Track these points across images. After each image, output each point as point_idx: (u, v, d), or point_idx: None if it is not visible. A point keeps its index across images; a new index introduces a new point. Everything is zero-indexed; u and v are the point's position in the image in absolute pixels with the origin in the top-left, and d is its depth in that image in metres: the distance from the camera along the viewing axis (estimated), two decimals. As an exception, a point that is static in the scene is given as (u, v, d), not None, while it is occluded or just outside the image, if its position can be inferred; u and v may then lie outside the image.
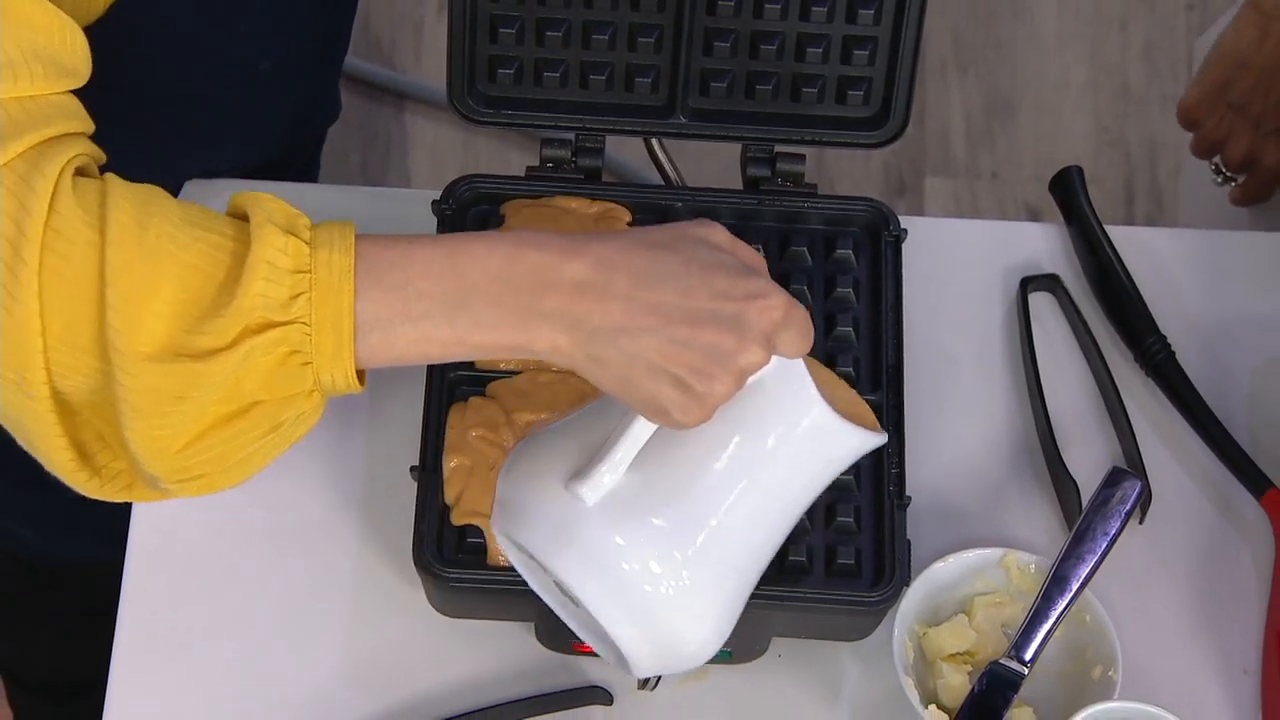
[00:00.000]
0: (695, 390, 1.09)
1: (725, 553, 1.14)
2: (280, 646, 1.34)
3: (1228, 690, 1.35)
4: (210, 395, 1.07)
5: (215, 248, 1.07)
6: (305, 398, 1.10)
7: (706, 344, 1.09)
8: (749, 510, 1.14)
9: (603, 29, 1.37)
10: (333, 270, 1.08)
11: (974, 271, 1.49)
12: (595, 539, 1.12)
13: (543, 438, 1.18)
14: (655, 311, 1.09)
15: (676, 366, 1.09)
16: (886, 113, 1.41)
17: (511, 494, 1.16)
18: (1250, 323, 1.47)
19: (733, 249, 1.13)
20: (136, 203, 1.07)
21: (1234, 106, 1.62)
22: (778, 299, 1.10)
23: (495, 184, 1.41)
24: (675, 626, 1.13)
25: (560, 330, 1.09)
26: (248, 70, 1.46)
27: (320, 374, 1.09)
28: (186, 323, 1.06)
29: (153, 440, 1.08)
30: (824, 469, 1.16)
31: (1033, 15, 2.73)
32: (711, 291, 1.10)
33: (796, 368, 1.13)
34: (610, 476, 1.12)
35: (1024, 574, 1.33)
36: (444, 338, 1.10)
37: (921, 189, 2.62)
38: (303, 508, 1.38)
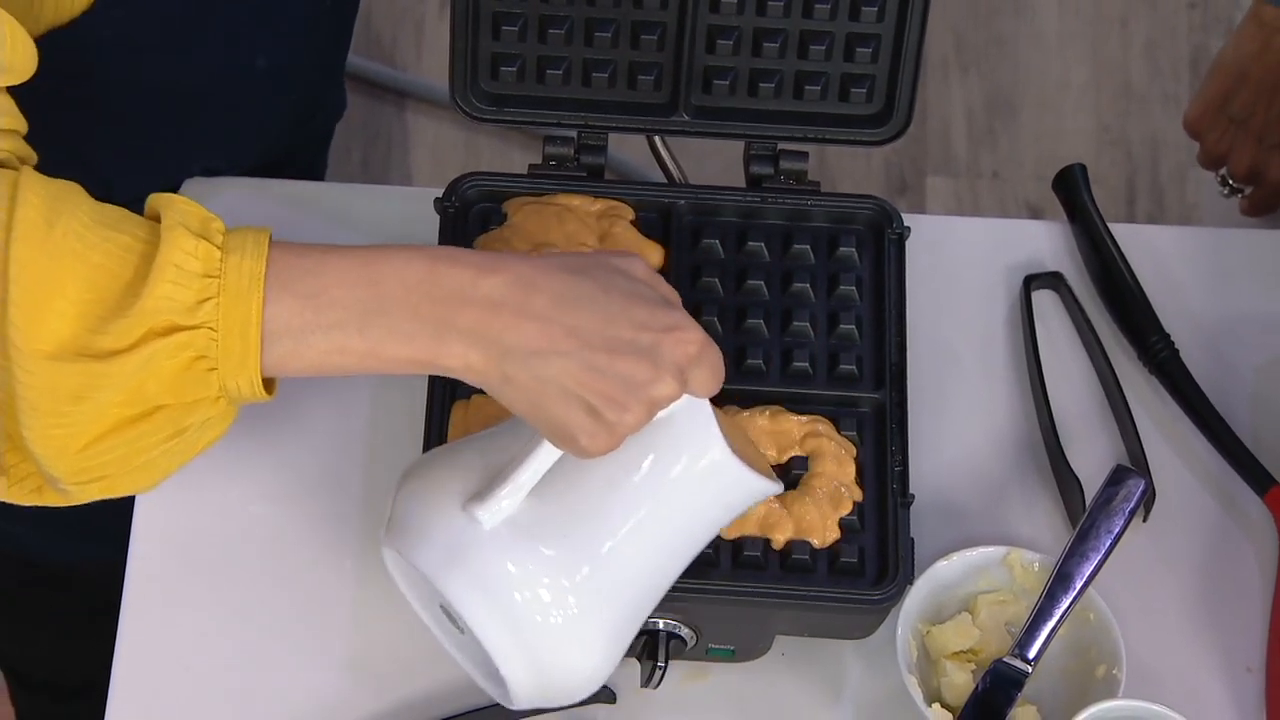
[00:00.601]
0: (606, 418, 1.08)
1: (615, 584, 1.13)
2: (281, 645, 1.34)
3: (1231, 688, 1.35)
4: (111, 397, 1.06)
5: (124, 248, 1.06)
6: (211, 403, 1.09)
7: (622, 373, 1.08)
8: (642, 544, 1.14)
9: (605, 26, 1.37)
10: (242, 275, 1.06)
11: (977, 269, 1.49)
12: (489, 564, 1.11)
13: (442, 454, 1.17)
14: (573, 335, 1.08)
15: (589, 393, 1.08)
16: (889, 110, 1.40)
17: (406, 510, 1.15)
18: (1254, 321, 1.47)
19: (651, 281, 1.12)
20: (47, 198, 1.05)
21: (1236, 120, 1.62)
22: (694, 334, 1.10)
23: (498, 182, 1.41)
24: (561, 657, 1.13)
25: (474, 347, 1.08)
26: (245, 69, 1.45)
27: (226, 380, 1.08)
28: (89, 322, 1.05)
29: (51, 440, 1.07)
30: (720, 510, 1.16)
31: (1034, 14, 2.73)
32: (630, 320, 1.09)
33: (703, 407, 1.13)
34: (509, 501, 1.11)
35: (1027, 572, 1.33)
36: (356, 349, 1.08)
37: (923, 188, 2.62)
38: (304, 506, 1.38)
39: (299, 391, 1.40)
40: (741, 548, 1.29)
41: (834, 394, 1.35)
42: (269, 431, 1.40)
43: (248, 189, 1.49)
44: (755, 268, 1.39)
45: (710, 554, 1.28)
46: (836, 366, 1.36)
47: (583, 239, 1.37)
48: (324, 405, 1.40)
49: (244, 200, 1.48)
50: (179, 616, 1.34)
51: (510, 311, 1.08)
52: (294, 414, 1.40)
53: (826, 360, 1.37)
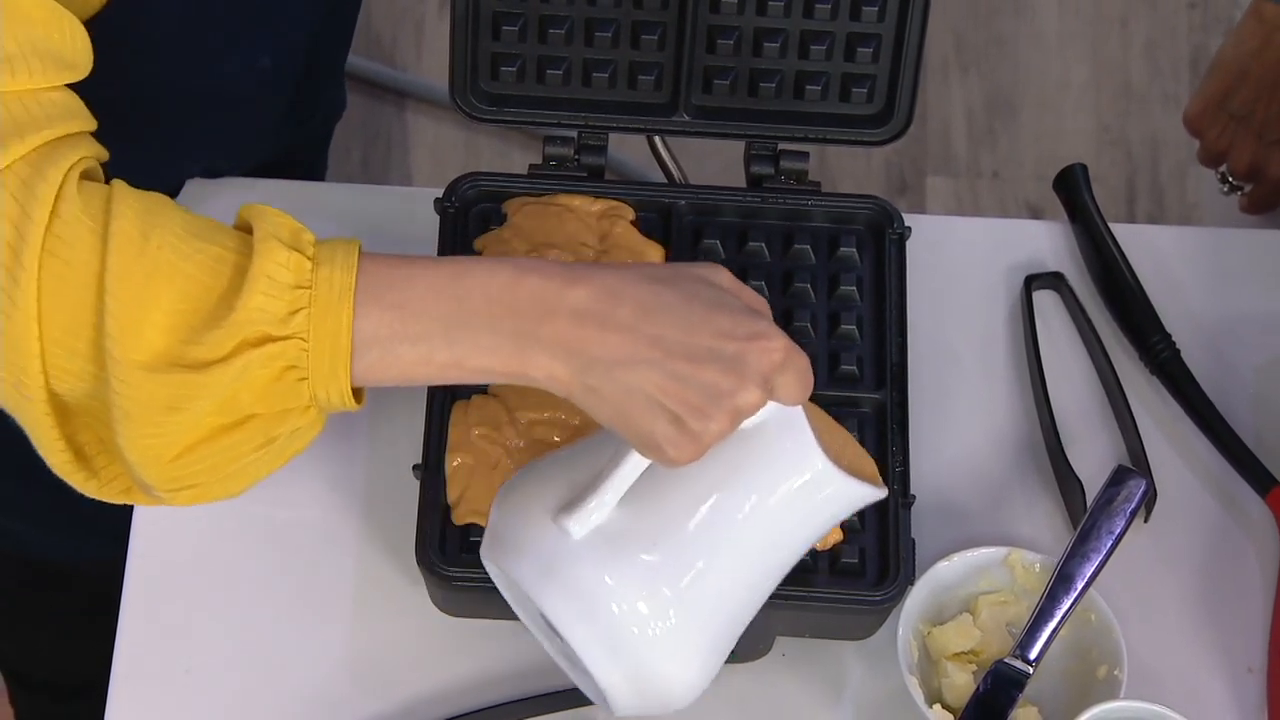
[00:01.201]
0: (690, 427, 1.08)
1: (713, 595, 1.13)
2: (282, 645, 1.34)
3: (1233, 688, 1.35)
4: (205, 407, 1.07)
5: (217, 260, 1.07)
6: (301, 413, 1.10)
7: (705, 382, 1.08)
8: (739, 554, 1.13)
9: (606, 26, 1.37)
10: (333, 287, 1.07)
11: (978, 269, 1.49)
12: (582, 575, 1.11)
13: (537, 468, 1.17)
14: (656, 345, 1.08)
15: (673, 402, 1.08)
16: (890, 110, 1.40)
17: (502, 523, 1.15)
18: (1255, 321, 1.47)
19: (736, 290, 1.12)
20: (141, 211, 1.07)
21: (1236, 117, 1.62)
22: (779, 342, 1.10)
23: (498, 182, 1.41)
24: (660, 669, 1.12)
25: (558, 358, 1.08)
26: (246, 69, 1.45)
27: (316, 390, 1.09)
28: (184, 333, 1.06)
29: (146, 449, 1.08)
30: (820, 520, 1.16)
31: (1034, 14, 2.72)
32: (713, 329, 1.09)
33: (798, 418, 1.12)
34: (598, 513, 1.11)
35: (1028, 573, 1.33)
36: (442, 360, 1.09)
37: (923, 188, 2.62)
38: (305, 506, 1.37)
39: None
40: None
41: (835, 394, 1.35)
42: (269, 432, 1.39)
43: (248, 189, 1.49)
44: (756, 268, 1.39)
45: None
46: (837, 367, 1.36)
47: (583, 239, 1.37)
48: (324, 406, 1.40)
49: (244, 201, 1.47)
50: (179, 616, 1.34)
51: (595, 323, 1.08)
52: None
53: (827, 360, 1.37)
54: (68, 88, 1.11)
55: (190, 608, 1.35)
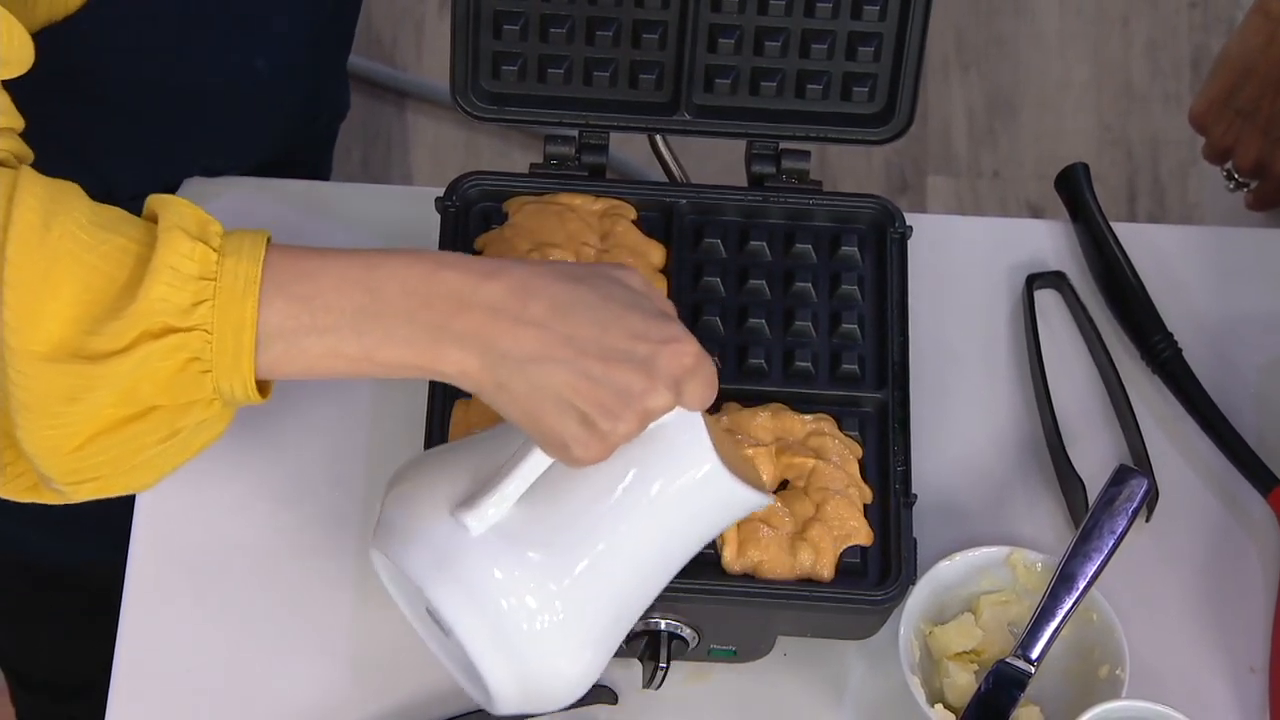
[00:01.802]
0: (599, 428, 1.08)
1: (602, 592, 1.13)
2: (283, 644, 1.33)
3: (1235, 688, 1.34)
4: (104, 398, 1.06)
5: (120, 250, 1.06)
6: (206, 405, 1.09)
7: (617, 382, 1.08)
8: (630, 552, 1.14)
9: (607, 25, 1.37)
10: (238, 279, 1.06)
11: (979, 269, 1.49)
12: (476, 570, 1.11)
13: (433, 458, 1.17)
14: (569, 344, 1.08)
15: (584, 401, 1.08)
16: (891, 109, 1.40)
17: (394, 513, 1.15)
18: (1258, 320, 1.47)
19: (648, 293, 1.12)
20: (44, 199, 1.05)
21: (1242, 112, 1.62)
22: (690, 346, 1.10)
23: (499, 181, 1.41)
24: (546, 663, 1.13)
25: (471, 353, 1.08)
26: (245, 69, 1.45)
27: (220, 382, 1.08)
28: (84, 324, 1.05)
29: (44, 440, 1.07)
30: (709, 521, 1.17)
31: (1034, 13, 2.72)
32: (627, 330, 1.09)
33: (695, 420, 1.13)
34: (497, 509, 1.11)
35: (1030, 572, 1.33)
36: (351, 353, 1.08)
37: (924, 187, 2.62)
38: (305, 505, 1.37)
39: (300, 391, 1.40)
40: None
41: (836, 394, 1.35)
42: (270, 431, 1.39)
43: (248, 188, 1.49)
44: (757, 267, 1.39)
45: (712, 554, 1.28)
46: (839, 366, 1.36)
47: (584, 238, 1.37)
48: (325, 405, 1.40)
49: (244, 200, 1.48)
50: (179, 616, 1.34)
51: (508, 318, 1.08)
52: (295, 414, 1.40)
53: (828, 360, 1.36)
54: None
55: (191, 607, 1.34)
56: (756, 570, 1.28)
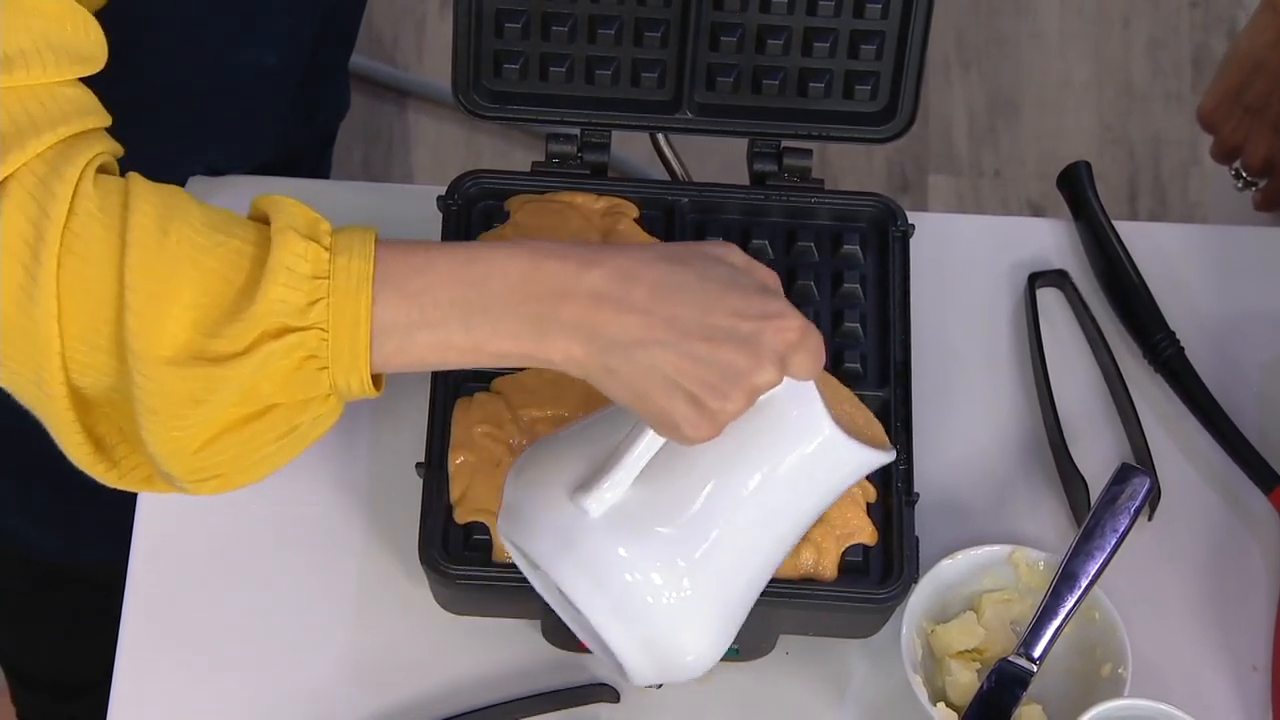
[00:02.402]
0: (708, 406, 1.09)
1: (728, 565, 1.14)
2: (285, 644, 1.33)
3: (1237, 687, 1.34)
4: (227, 399, 1.07)
5: (235, 252, 1.07)
6: (322, 401, 1.11)
7: (722, 361, 1.09)
8: (753, 524, 1.14)
9: (609, 24, 1.37)
10: (351, 276, 1.08)
11: (981, 267, 1.49)
12: (598, 550, 1.12)
13: (551, 444, 1.18)
14: (672, 326, 1.09)
15: (690, 382, 1.09)
16: (894, 107, 1.40)
17: (518, 499, 1.16)
18: (1260, 319, 1.47)
19: (749, 268, 1.13)
20: (158, 205, 1.07)
21: (1251, 110, 1.61)
22: (794, 320, 1.11)
23: (501, 180, 1.41)
24: (675, 637, 1.13)
25: (577, 340, 1.09)
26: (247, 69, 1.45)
27: (336, 379, 1.09)
28: (205, 327, 1.06)
29: (169, 441, 1.08)
30: (830, 487, 1.17)
31: (1036, 13, 2.72)
32: (728, 309, 1.10)
33: (808, 389, 1.13)
34: (614, 491, 1.12)
35: (1032, 571, 1.33)
36: (461, 344, 1.10)
37: (925, 186, 2.62)
38: (308, 505, 1.37)
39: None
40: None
41: (838, 392, 1.35)
42: (271, 430, 1.39)
43: (251, 187, 1.48)
44: (759, 265, 1.39)
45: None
46: (841, 364, 1.36)
47: (586, 237, 1.37)
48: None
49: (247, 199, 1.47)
50: (181, 616, 1.34)
51: (611, 304, 1.09)
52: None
53: (831, 358, 1.36)
54: (81, 82, 1.11)
55: (193, 606, 1.34)
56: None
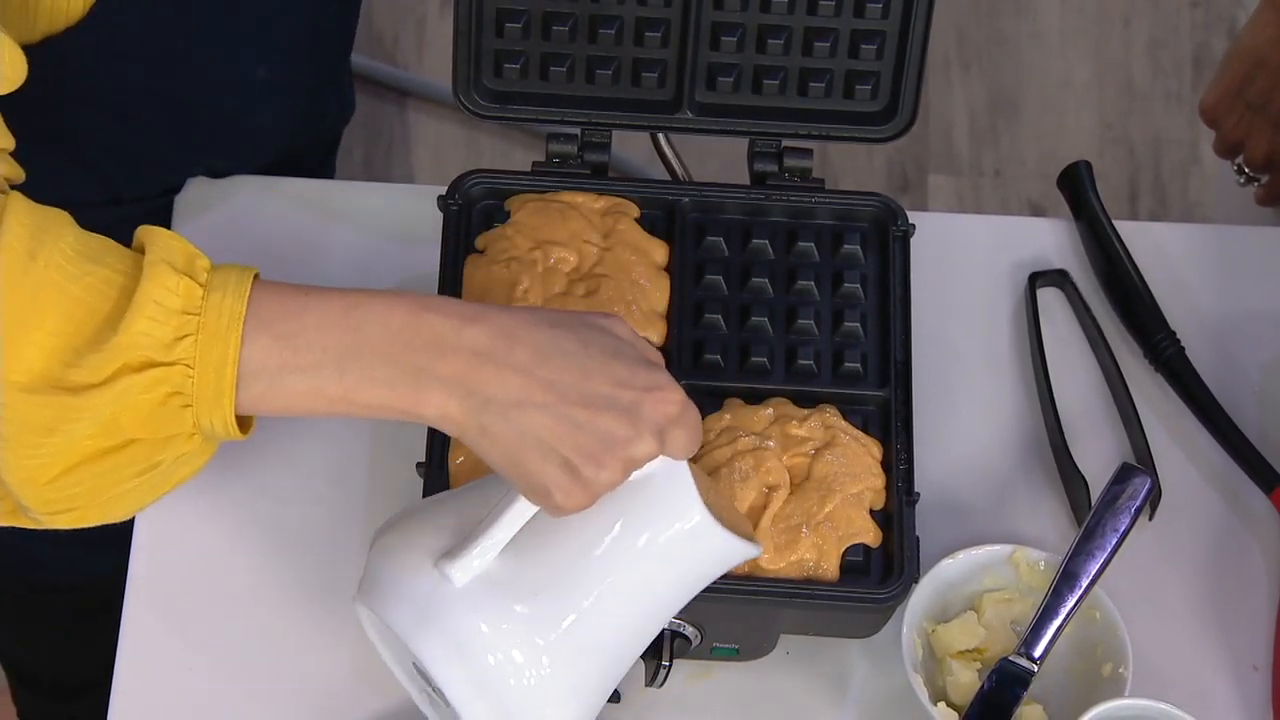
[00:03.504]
0: (582, 474, 1.07)
1: (589, 644, 1.12)
2: (285, 645, 1.33)
3: (1238, 686, 1.34)
4: (83, 430, 1.05)
5: (105, 282, 1.05)
6: (186, 439, 1.09)
7: (600, 429, 1.07)
8: (617, 604, 1.12)
9: (609, 23, 1.37)
10: (223, 315, 1.06)
11: (982, 267, 1.49)
12: (460, 623, 1.10)
13: (417, 511, 1.16)
14: (552, 389, 1.07)
15: (567, 448, 1.07)
16: (894, 107, 1.40)
17: (379, 565, 1.14)
18: (1260, 318, 1.47)
19: (632, 341, 1.11)
20: (31, 228, 1.04)
21: (1253, 106, 1.61)
22: (675, 394, 1.09)
23: (501, 179, 1.41)
24: (534, 715, 1.11)
25: (454, 396, 1.07)
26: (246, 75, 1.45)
27: (200, 418, 1.07)
28: (65, 355, 1.04)
29: (21, 469, 1.06)
30: (698, 574, 1.15)
31: (1036, 12, 2.72)
32: (610, 377, 1.08)
33: (682, 470, 1.12)
34: (480, 560, 1.10)
35: (1033, 571, 1.33)
36: (332, 392, 1.08)
37: (925, 186, 2.62)
38: (308, 504, 1.37)
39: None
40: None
41: (839, 392, 1.35)
42: (273, 433, 1.39)
43: (251, 188, 1.49)
44: (759, 265, 1.39)
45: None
46: (841, 364, 1.36)
47: (587, 236, 1.37)
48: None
49: (247, 199, 1.48)
50: (181, 615, 1.34)
51: (492, 363, 1.07)
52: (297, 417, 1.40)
53: (831, 358, 1.36)
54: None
55: (193, 606, 1.34)
56: (759, 569, 1.28)
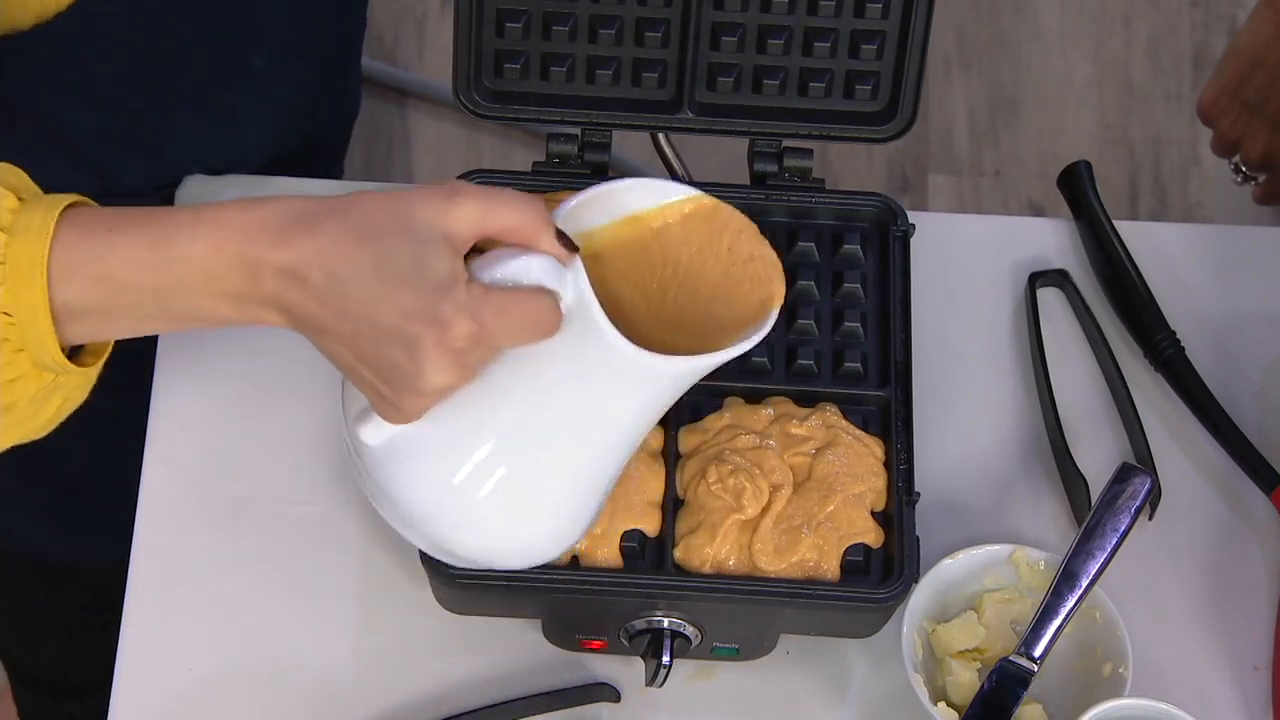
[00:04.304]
0: (388, 399, 1.08)
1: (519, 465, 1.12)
2: (285, 643, 1.33)
3: (1238, 686, 1.34)
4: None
5: None
6: (35, 378, 1.09)
7: (387, 362, 1.06)
8: (523, 434, 1.12)
9: (610, 23, 1.37)
10: (21, 262, 1.05)
11: (982, 267, 1.48)
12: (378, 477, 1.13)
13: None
14: (345, 319, 1.06)
15: (367, 374, 1.08)
16: (894, 107, 1.40)
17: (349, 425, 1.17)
18: (1261, 318, 1.47)
19: (437, 248, 1.05)
20: None
21: (1250, 105, 1.61)
22: (460, 328, 1.05)
23: (501, 179, 1.40)
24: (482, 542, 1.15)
25: (277, 313, 1.07)
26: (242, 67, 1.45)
27: (38, 358, 1.07)
28: None
29: None
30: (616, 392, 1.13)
31: (1036, 12, 2.72)
32: (398, 308, 1.05)
33: (587, 298, 1.08)
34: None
35: (1033, 571, 1.33)
36: (163, 325, 1.09)
37: (925, 186, 2.62)
38: (309, 504, 1.37)
39: (302, 393, 1.40)
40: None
41: (839, 392, 1.35)
42: (272, 430, 1.39)
43: (250, 187, 1.49)
44: (760, 265, 1.39)
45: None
46: (841, 364, 1.36)
47: (585, 236, 1.37)
48: (327, 404, 1.40)
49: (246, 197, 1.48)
50: (181, 614, 1.34)
51: (296, 287, 1.06)
52: (297, 412, 1.40)
53: (831, 358, 1.36)
54: None
55: (193, 606, 1.34)
56: (759, 569, 1.28)
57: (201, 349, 1.41)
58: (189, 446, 1.39)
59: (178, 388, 1.40)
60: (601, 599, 1.27)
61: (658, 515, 1.30)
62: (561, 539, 1.17)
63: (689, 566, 1.28)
